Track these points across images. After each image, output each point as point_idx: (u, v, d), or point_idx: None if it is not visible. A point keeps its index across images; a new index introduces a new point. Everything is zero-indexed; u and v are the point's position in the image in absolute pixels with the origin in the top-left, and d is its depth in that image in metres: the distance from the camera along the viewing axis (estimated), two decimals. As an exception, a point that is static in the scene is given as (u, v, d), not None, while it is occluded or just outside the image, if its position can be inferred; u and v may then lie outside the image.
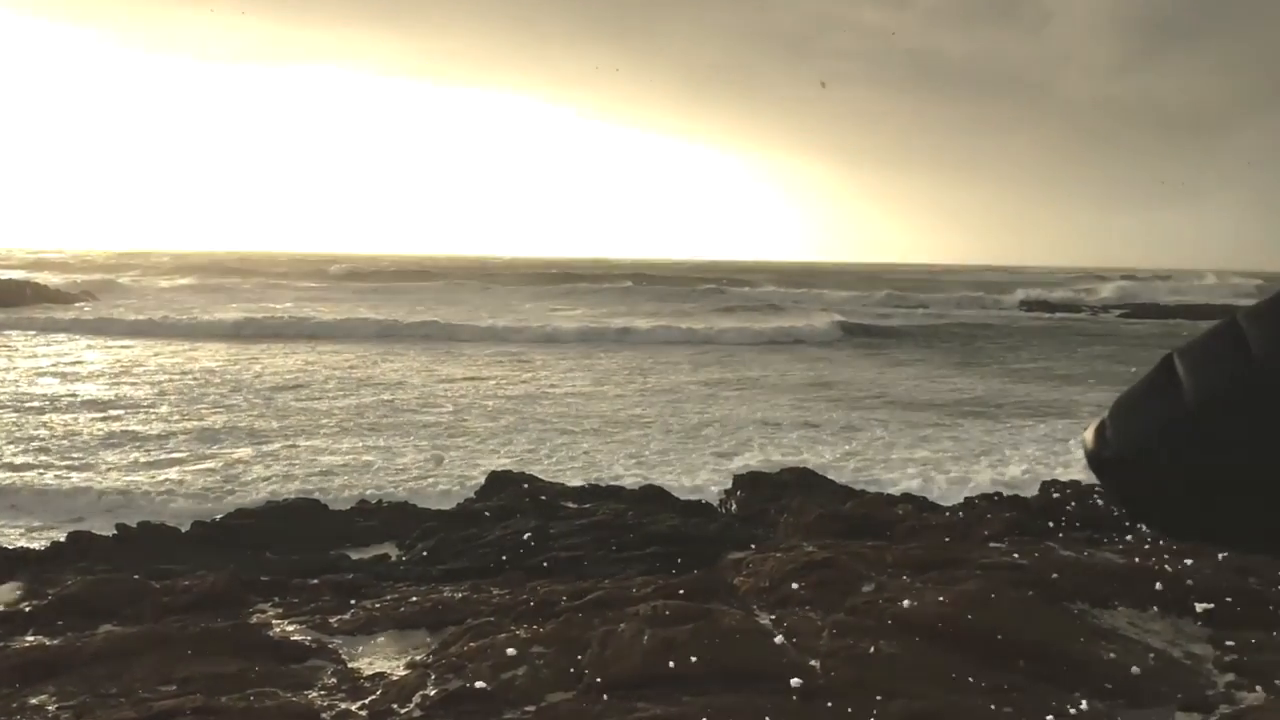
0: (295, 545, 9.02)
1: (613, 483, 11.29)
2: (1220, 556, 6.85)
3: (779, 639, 5.47)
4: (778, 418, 18.40)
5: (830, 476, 11.60)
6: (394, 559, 8.63)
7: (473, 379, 23.35)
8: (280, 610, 6.76)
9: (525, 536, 8.43)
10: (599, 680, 5.09)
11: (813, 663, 5.25)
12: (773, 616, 6.00)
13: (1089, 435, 1.15)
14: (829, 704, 4.82)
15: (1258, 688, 5.45)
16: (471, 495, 10.67)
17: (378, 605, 6.77)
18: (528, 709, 4.83)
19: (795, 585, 6.49)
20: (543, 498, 9.84)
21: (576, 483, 11.33)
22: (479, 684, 5.01)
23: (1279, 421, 1.03)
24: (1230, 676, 5.72)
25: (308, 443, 15.27)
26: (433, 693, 5.00)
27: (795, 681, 4.98)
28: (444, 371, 24.69)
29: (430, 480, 12.93)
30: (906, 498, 10.22)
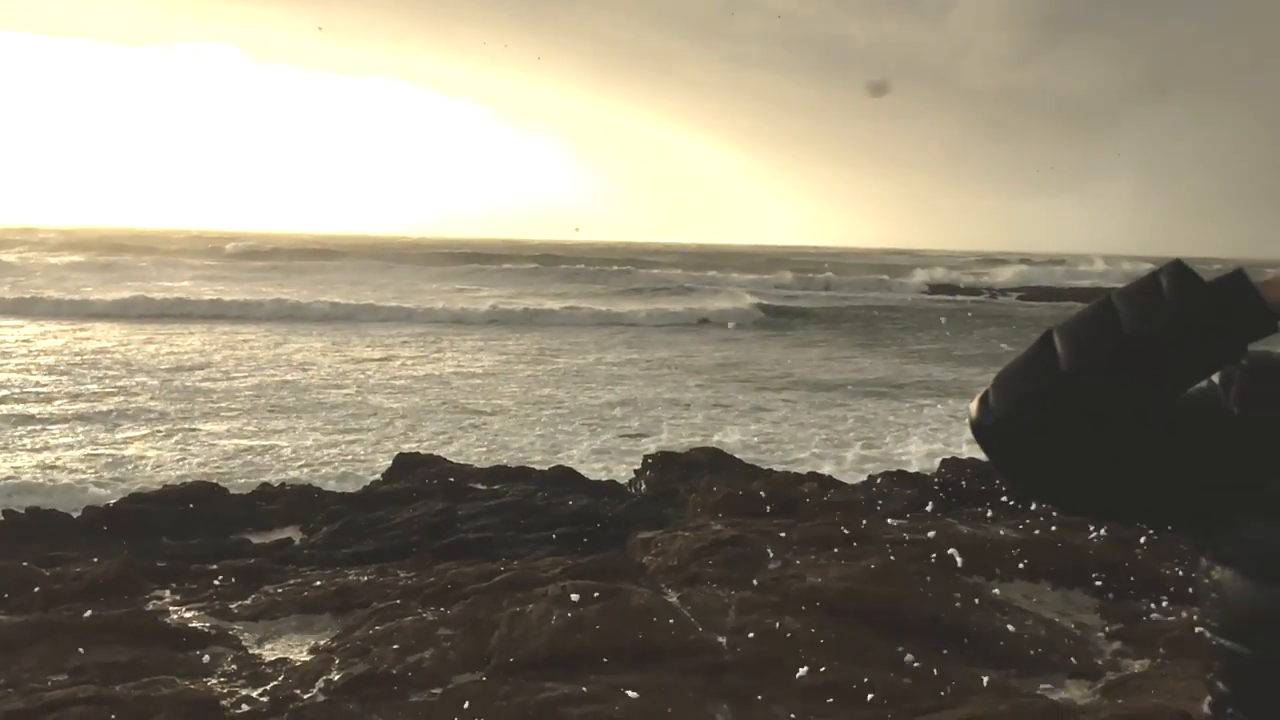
0: (194, 530, 8.77)
1: (522, 464, 11.25)
2: (1103, 530, 7.14)
3: (687, 617, 5.52)
4: (687, 398, 18.54)
5: (739, 456, 11.73)
6: (297, 543, 8.46)
7: (380, 360, 22.99)
8: (178, 597, 6.58)
9: (433, 519, 8.35)
10: (507, 661, 5.07)
11: (720, 639, 5.31)
12: (681, 594, 6.06)
13: (973, 405, 1.25)
14: (736, 679, 4.89)
15: (1144, 656, 5.70)
16: (378, 478, 10.52)
17: (280, 590, 6.64)
18: (434, 691, 4.79)
19: (703, 563, 6.56)
20: (451, 479, 9.75)
21: (485, 464, 11.26)
22: (384, 667, 4.95)
23: (1144, 392, 1.13)
24: (1117, 645, 5.97)
25: (207, 426, 14.86)
26: (337, 677, 4.93)
27: (704, 658, 5.04)
28: (350, 353, 24.26)
29: (336, 463, 12.71)
30: (813, 476, 10.39)
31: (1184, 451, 1.18)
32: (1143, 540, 7.12)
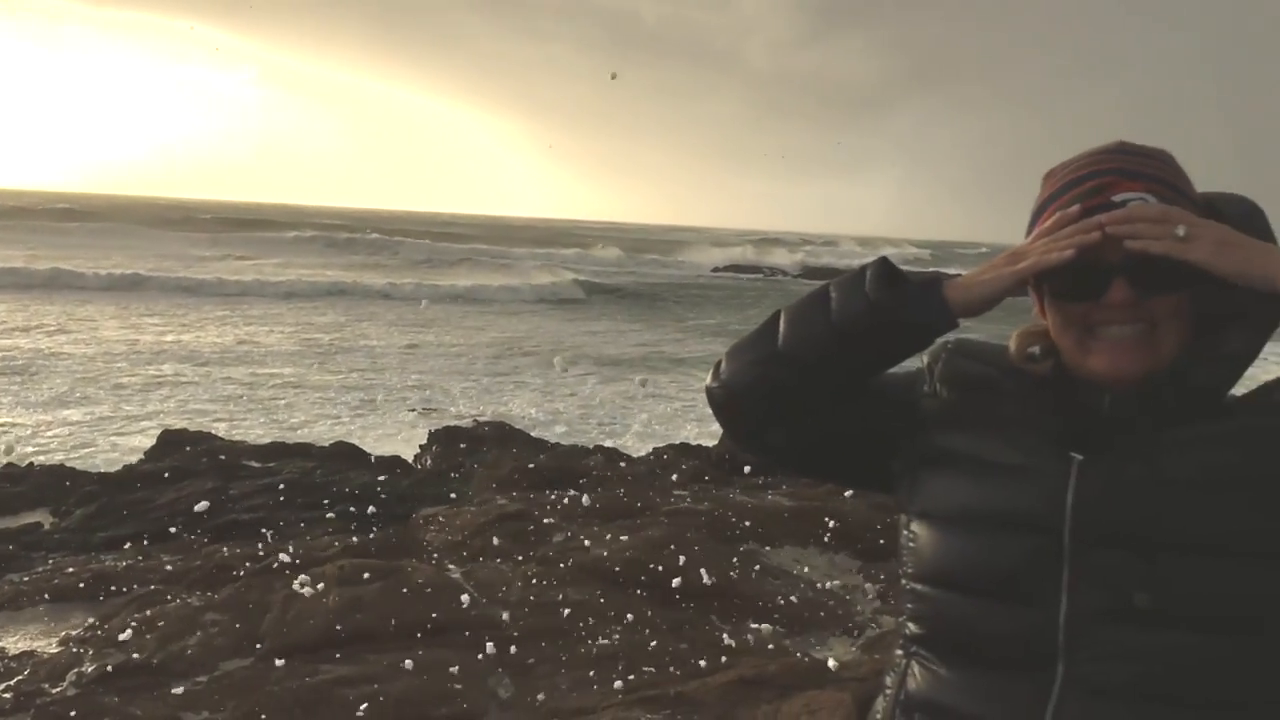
0: (-76, 517, 7.95)
1: (301, 441, 10.82)
2: (854, 494, 7.60)
3: (470, 592, 5.48)
4: (476, 372, 18.36)
5: (526, 430, 11.73)
6: (47, 527, 7.82)
7: (152, 333, 21.52)
8: (-97, 591, 5.96)
9: (201, 499, 7.91)
10: (280, 645, 4.89)
11: (503, 613, 5.31)
12: (464, 570, 6.01)
13: (710, 373, 1.41)
14: (518, 652, 4.90)
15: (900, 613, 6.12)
16: (140, 457, 9.85)
17: (27, 578, 6.13)
18: (199, 680, 4.56)
19: (487, 538, 6.53)
20: (222, 457, 9.25)
21: (261, 441, 10.76)
22: (143, 657, 4.67)
23: (844, 371, 1.30)
24: (877, 603, 6.38)
25: (-59, 402, 13.49)
26: (90, 669, 4.60)
27: (485, 632, 5.02)
28: (113, 324, 22.57)
29: (92, 441, 11.82)
30: (599, 449, 10.52)
31: (882, 420, 1.33)
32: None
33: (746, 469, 9.19)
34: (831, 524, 7.16)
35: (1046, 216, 1.21)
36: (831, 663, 4.80)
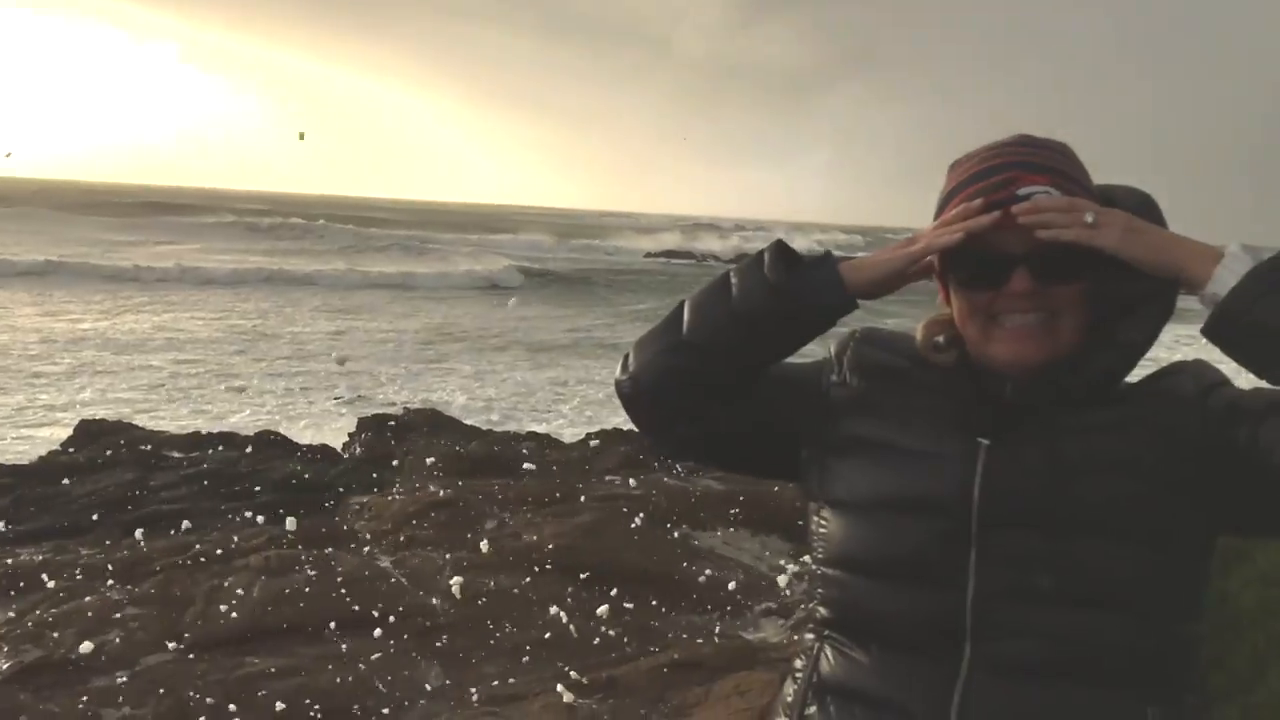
0: None
1: (226, 429, 10.58)
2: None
3: (400, 581, 5.43)
4: (405, 358, 18.15)
5: (458, 417, 11.63)
6: (-42, 522, 7.56)
7: (61, 318, 20.87)
8: None
9: (121, 490, 7.71)
10: (204, 638, 4.79)
11: (434, 601, 5.27)
12: (395, 558, 5.95)
13: (619, 366, 1.41)
14: (449, 641, 4.87)
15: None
16: (58, 447, 9.55)
17: (-65, 575, 5.92)
18: (120, 675, 4.45)
19: (418, 526, 6.48)
20: (144, 447, 9.02)
21: (184, 430, 10.51)
22: (61, 652, 4.54)
23: (747, 357, 1.30)
24: (805, 585, 6.46)
25: None
26: (4, 665, 4.47)
27: (416, 621, 4.99)
28: (27, 311, 21.85)
29: (5, 433, 11.45)
30: (531, 435, 10.48)
31: (790, 409, 1.34)
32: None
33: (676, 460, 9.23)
34: (762, 507, 7.24)
35: (951, 207, 1.23)
36: (761, 643, 4.86)
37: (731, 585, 6.01)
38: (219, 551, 5.74)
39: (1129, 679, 1.13)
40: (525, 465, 8.58)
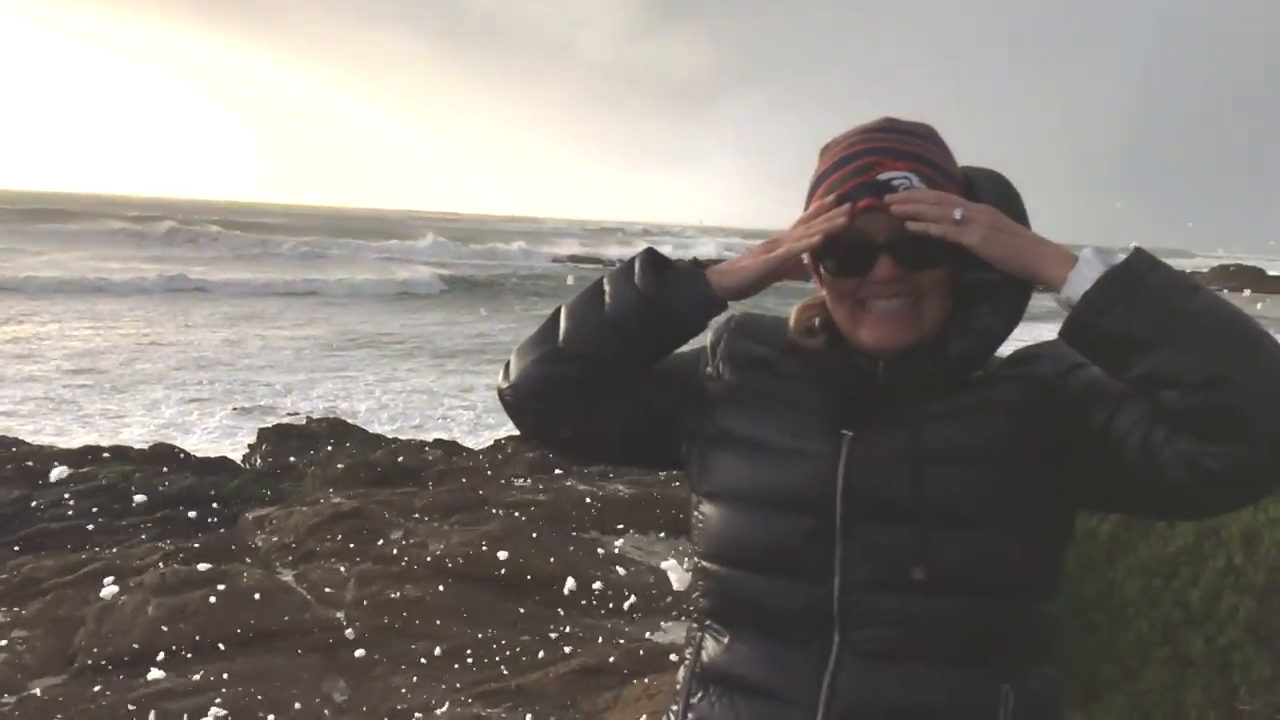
0: None
1: (117, 443, 10.22)
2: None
3: (303, 595, 5.32)
4: (306, 368, 17.77)
5: (363, 426, 11.43)
6: None
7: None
8: None
9: (6, 508, 7.38)
10: (97, 659, 4.62)
11: (338, 615, 5.17)
12: (297, 572, 5.82)
13: (501, 373, 1.43)
14: (354, 655, 4.78)
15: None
16: (-66, 465, 9.09)
17: None
18: (5, 701, 4.26)
19: (321, 538, 6.35)
20: (29, 463, 8.66)
21: (73, 445, 10.12)
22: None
23: (621, 362, 1.33)
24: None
25: None
26: (-123, 699, 4.24)
27: (320, 635, 4.89)
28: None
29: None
30: (438, 443, 10.37)
31: (667, 403, 1.37)
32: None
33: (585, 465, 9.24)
34: (671, 510, 7.28)
35: (820, 191, 1.26)
36: (671, 645, 4.88)
37: (641, 587, 6.03)
38: (111, 570, 5.54)
39: (984, 659, 1.19)
40: (431, 473, 8.49)
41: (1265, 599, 3.07)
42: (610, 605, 5.78)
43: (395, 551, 6.05)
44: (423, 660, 4.77)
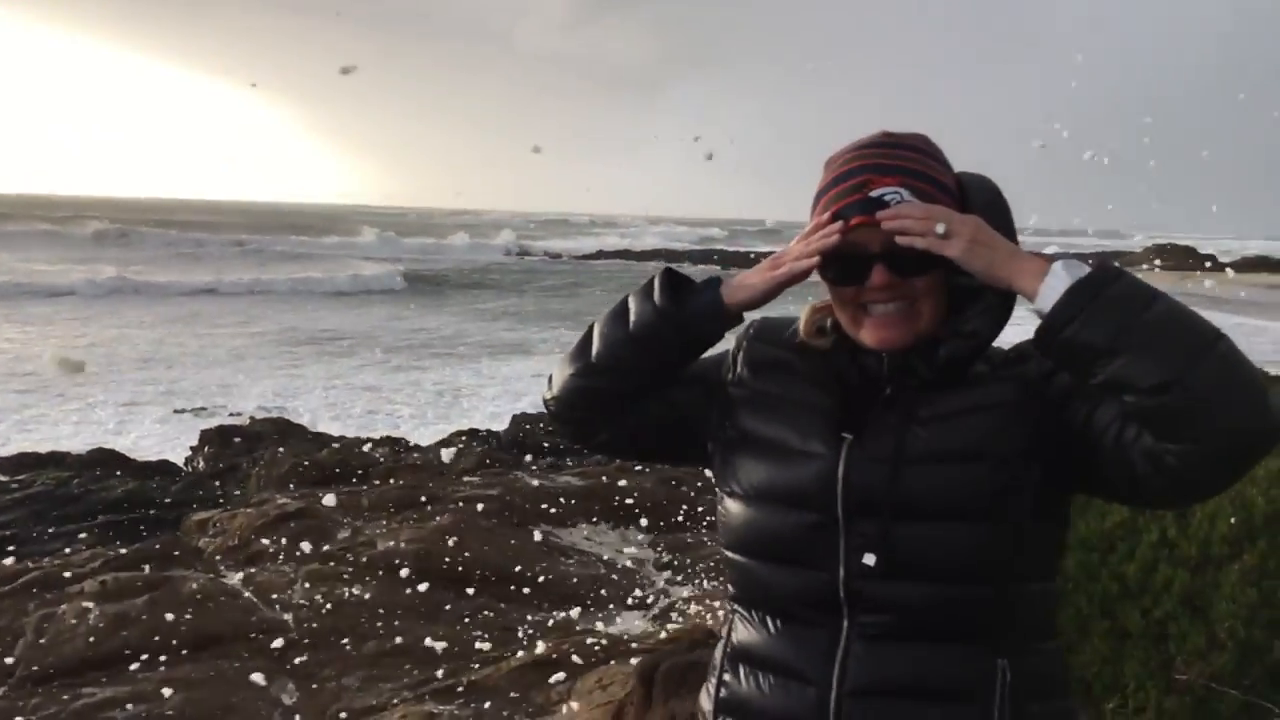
0: None
1: (54, 449, 9.98)
2: (647, 471, 7.79)
3: (249, 598, 5.24)
4: (250, 367, 17.50)
5: (308, 425, 11.29)
6: None
7: None
8: None
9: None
10: (37, 670, 4.52)
11: (286, 617, 5.11)
12: (242, 575, 5.74)
13: (546, 385, 1.58)
14: (303, 657, 4.73)
15: (688, 583, 6.31)
16: None
17: None
18: (-59, 718, 4.15)
19: (267, 540, 6.26)
20: (-38, 473, 8.44)
21: (6, 452, 9.87)
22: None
23: (650, 373, 1.48)
24: (666, 574, 6.54)
25: None
26: None
27: (267, 638, 4.82)
28: None
29: None
30: (385, 440, 10.26)
31: (695, 407, 1.52)
32: (687, 478, 7.85)
33: (528, 458, 9.23)
34: (622, 500, 7.29)
35: (821, 205, 1.39)
36: (624, 636, 4.89)
37: (592, 579, 6.03)
38: (50, 578, 5.42)
39: (978, 636, 1.31)
40: (379, 471, 8.41)
41: (1199, 571, 3.15)
42: (562, 598, 5.78)
43: (343, 551, 5.99)
44: (373, 660, 4.73)
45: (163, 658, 4.60)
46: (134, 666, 4.54)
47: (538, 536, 6.57)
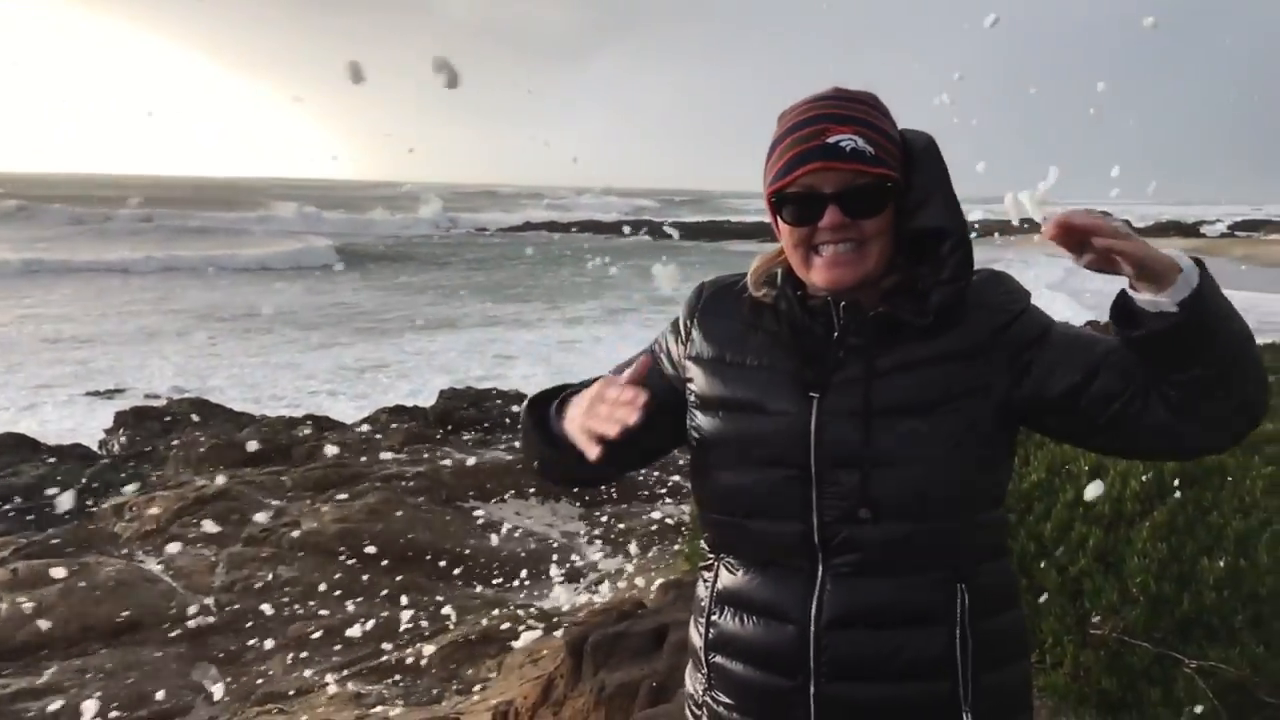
0: None
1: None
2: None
3: (168, 582, 5.12)
4: (167, 346, 17.05)
5: (229, 405, 11.04)
6: None
7: None
8: None
9: None
10: (-56, 665, 4.36)
11: (207, 600, 5.00)
12: (161, 559, 5.60)
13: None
14: (225, 640, 4.64)
15: (618, 555, 6.32)
16: None
17: None
18: None
19: (187, 523, 6.11)
20: None
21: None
22: None
23: (581, 461, 1.44)
24: (598, 546, 6.55)
25: None
26: None
27: (188, 623, 4.72)
28: None
29: None
30: (309, 418, 10.08)
31: (671, 402, 1.54)
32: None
33: (458, 434, 9.14)
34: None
35: (778, 152, 1.42)
36: (554, 609, 4.89)
37: (522, 554, 6.01)
38: (-44, 569, 5.23)
39: (939, 566, 1.42)
40: (303, 450, 8.26)
41: (1112, 528, 3.24)
42: (491, 573, 5.75)
43: (266, 532, 5.87)
44: (299, 642, 4.66)
45: (78, 646, 4.47)
46: (47, 655, 4.41)
47: (465, 512, 6.52)
